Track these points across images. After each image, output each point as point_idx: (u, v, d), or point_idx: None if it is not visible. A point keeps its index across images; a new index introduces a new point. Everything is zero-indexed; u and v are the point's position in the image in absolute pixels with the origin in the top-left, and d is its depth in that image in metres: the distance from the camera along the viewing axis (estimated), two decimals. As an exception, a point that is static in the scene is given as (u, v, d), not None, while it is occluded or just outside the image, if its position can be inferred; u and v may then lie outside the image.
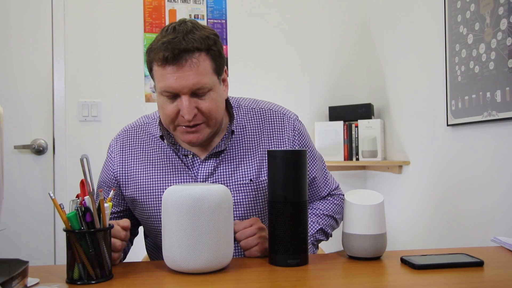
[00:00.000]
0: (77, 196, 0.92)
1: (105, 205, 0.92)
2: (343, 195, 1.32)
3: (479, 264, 0.96)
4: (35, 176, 2.62)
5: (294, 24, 2.98)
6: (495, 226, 1.83)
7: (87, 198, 0.90)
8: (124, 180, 1.25)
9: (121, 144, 1.28)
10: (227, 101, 1.26)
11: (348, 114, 2.83)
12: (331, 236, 1.31)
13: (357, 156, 2.77)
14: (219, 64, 1.13)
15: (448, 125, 2.12)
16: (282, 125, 1.25)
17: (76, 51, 2.68)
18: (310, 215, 1.28)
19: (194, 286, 0.85)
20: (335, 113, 2.87)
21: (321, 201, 1.33)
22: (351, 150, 2.79)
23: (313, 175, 1.30)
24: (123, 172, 1.25)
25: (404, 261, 0.99)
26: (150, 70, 1.14)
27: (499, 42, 1.75)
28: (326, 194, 1.35)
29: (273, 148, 1.23)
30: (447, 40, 2.12)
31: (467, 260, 0.97)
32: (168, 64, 1.06)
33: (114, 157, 1.27)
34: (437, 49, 2.23)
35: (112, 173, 1.26)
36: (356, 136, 2.77)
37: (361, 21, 3.06)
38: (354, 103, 2.93)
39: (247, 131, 1.24)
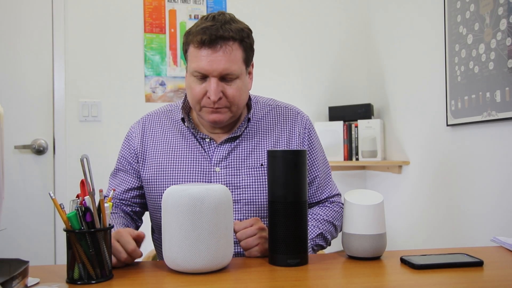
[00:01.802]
0: (77, 196, 0.92)
1: (105, 205, 0.92)
2: (343, 204, 1.33)
3: (478, 264, 0.97)
4: (35, 176, 2.62)
5: (294, 24, 2.98)
6: (495, 226, 1.84)
7: (87, 198, 0.90)
8: (142, 157, 1.31)
9: (143, 126, 1.35)
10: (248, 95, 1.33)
11: (348, 114, 2.83)
12: (329, 245, 1.31)
13: (357, 156, 2.77)
14: (249, 56, 1.24)
15: (448, 125, 2.12)
16: (295, 120, 1.34)
17: (76, 51, 2.68)
18: (309, 220, 1.28)
19: (194, 286, 0.86)
20: (335, 113, 2.87)
21: (321, 207, 1.34)
22: (351, 150, 2.79)
23: (315, 175, 1.33)
24: (143, 150, 1.32)
25: (404, 261, 0.99)
26: (185, 51, 1.24)
27: (499, 42, 1.75)
28: (325, 197, 1.36)
29: (284, 139, 1.31)
30: (447, 40, 2.12)
31: (467, 260, 0.98)
32: (204, 47, 1.16)
33: (135, 137, 1.34)
34: (437, 49, 2.23)
35: (133, 149, 1.33)
36: (356, 136, 2.77)
37: (361, 21, 3.06)
38: (354, 103, 2.93)
39: (262, 123, 1.32)
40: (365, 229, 1.02)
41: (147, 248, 1.88)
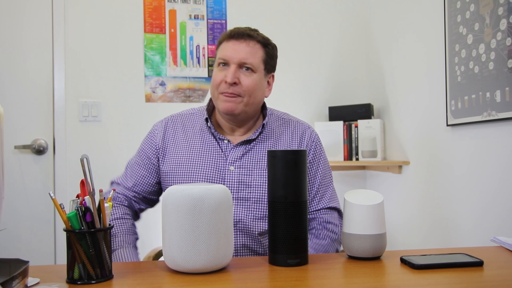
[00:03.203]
0: (77, 196, 0.92)
1: (105, 205, 0.92)
2: (335, 232, 1.38)
3: (478, 264, 0.97)
4: (35, 176, 2.62)
5: (294, 24, 2.98)
6: (495, 226, 1.84)
7: (87, 198, 0.90)
8: (163, 152, 1.41)
9: (165, 124, 1.45)
10: (265, 105, 1.46)
11: (348, 114, 2.82)
12: None
13: (357, 156, 2.77)
14: (269, 61, 1.40)
15: (447, 125, 2.12)
16: (303, 133, 1.45)
17: (76, 51, 2.68)
18: None
19: (194, 286, 0.86)
20: (335, 113, 2.87)
21: (316, 239, 1.37)
22: (351, 150, 2.79)
23: (313, 185, 1.41)
24: (164, 145, 1.42)
25: (404, 261, 0.99)
26: (217, 49, 1.40)
27: (499, 42, 1.75)
28: (322, 207, 1.40)
29: (295, 147, 1.42)
30: (447, 40, 2.12)
31: (467, 260, 0.98)
32: (231, 39, 1.35)
33: (157, 134, 1.44)
34: (437, 49, 2.23)
35: (154, 145, 1.43)
36: (356, 136, 2.77)
37: (361, 21, 3.06)
38: (354, 103, 2.93)
39: (275, 132, 1.44)
40: (365, 229, 1.02)
41: (147, 248, 1.88)
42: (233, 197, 1.35)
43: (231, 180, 1.35)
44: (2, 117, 0.80)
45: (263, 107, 1.47)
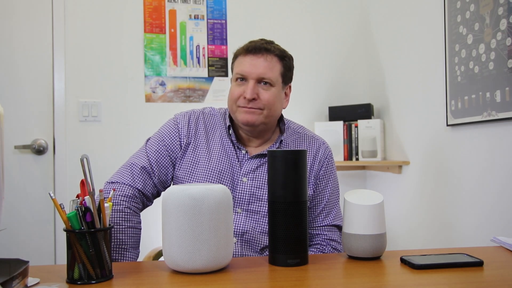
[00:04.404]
0: (77, 196, 0.92)
1: (105, 205, 0.92)
2: (335, 247, 1.38)
3: (478, 264, 0.97)
4: (35, 176, 2.62)
5: (294, 24, 2.98)
6: (494, 226, 1.84)
7: (87, 198, 0.90)
8: (184, 149, 1.39)
9: (188, 119, 1.43)
10: (282, 117, 1.47)
11: (348, 114, 2.82)
12: None
13: (357, 156, 2.77)
14: (286, 74, 1.41)
15: (447, 125, 2.12)
16: (318, 148, 1.45)
17: (76, 51, 2.68)
18: None
19: (194, 286, 0.86)
20: (335, 113, 2.87)
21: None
22: (351, 150, 2.79)
23: (321, 200, 1.41)
24: (187, 142, 1.40)
25: (404, 261, 0.99)
26: (233, 63, 1.42)
27: (499, 42, 1.75)
28: (327, 224, 1.40)
29: (308, 163, 1.39)
30: (447, 40, 2.12)
31: (467, 260, 0.98)
32: (249, 54, 1.35)
33: (182, 127, 1.41)
34: (437, 49, 2.23)
35: (179, 139, 1.40)
36: (356, 136, 2.77)
37: (361, 21, 3.06)
38: (354, 103, 2.93)
39: (290, 147, 1.44)
40: (365, 229, 1.02)
41: (147, 248, 1.89)
42: (243, 209, 1.34)
43: (242, 191, 1.35)
44: (2, 117, 0.81)
45: (281, 120, 1.46)
